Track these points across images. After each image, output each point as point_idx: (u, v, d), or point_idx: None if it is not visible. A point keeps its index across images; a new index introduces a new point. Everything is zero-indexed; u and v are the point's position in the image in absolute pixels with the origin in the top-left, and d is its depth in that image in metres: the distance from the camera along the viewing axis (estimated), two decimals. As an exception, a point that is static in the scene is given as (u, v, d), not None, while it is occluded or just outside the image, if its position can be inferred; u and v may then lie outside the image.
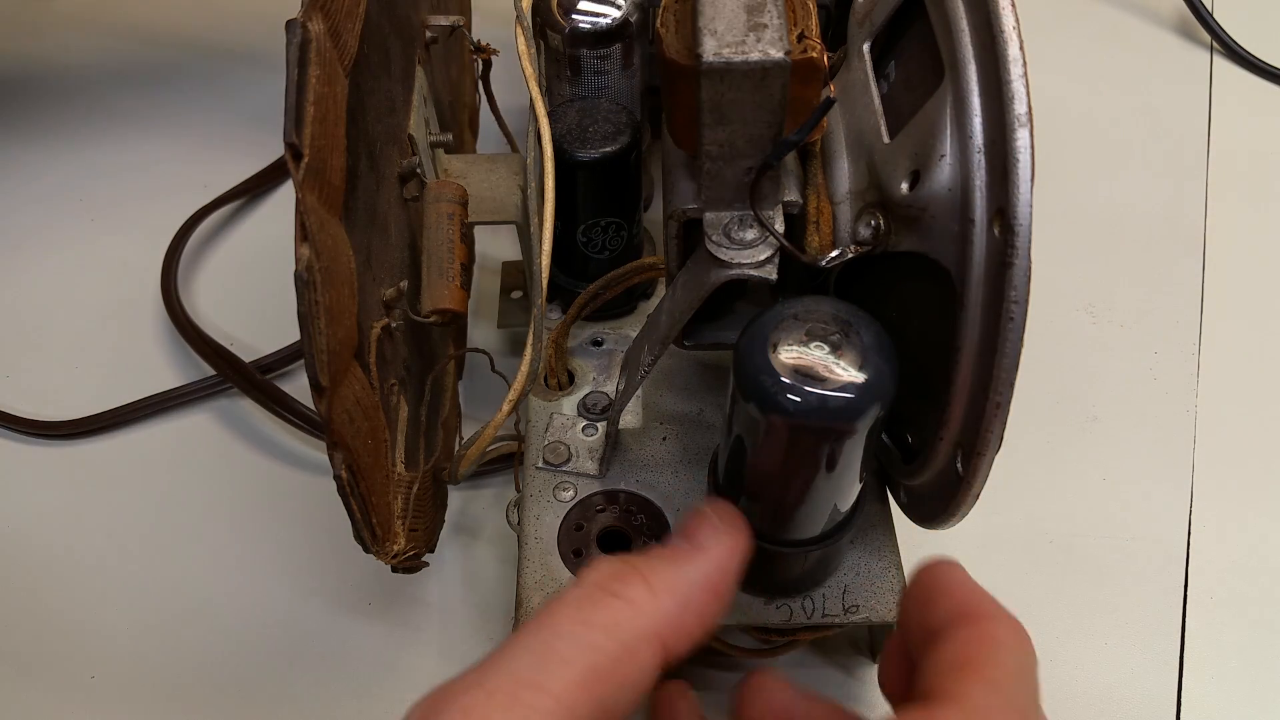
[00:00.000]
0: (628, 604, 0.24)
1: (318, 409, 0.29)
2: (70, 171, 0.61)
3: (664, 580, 0.25)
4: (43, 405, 0.52)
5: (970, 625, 0.24)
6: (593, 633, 0.24)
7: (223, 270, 0.57)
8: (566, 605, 0.24)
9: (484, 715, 0.22)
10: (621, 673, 0.24)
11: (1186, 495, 0.48)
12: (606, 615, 0.24)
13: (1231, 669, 0.44)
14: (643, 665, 0.24)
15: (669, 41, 0.28)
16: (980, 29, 0.26)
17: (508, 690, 0.22)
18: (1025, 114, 0.25)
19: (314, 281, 0.28)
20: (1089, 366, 0.53)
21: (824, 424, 0.26)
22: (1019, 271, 0.25)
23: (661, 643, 0.24)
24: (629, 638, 0.24)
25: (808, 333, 0.26)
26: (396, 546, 0.35)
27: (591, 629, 0.24)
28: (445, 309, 0.38)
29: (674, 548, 0.26)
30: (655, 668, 0.24)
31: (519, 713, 0.22)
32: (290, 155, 0.28)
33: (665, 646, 0.25)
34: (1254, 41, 0.65)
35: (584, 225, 0.45)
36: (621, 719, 0.24)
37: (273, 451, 0.50)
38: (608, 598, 0.24)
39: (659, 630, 0.24)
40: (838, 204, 0.31)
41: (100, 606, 0.46)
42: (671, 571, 0.25)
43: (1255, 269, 0.57)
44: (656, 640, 0.24)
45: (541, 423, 0.43)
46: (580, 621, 0.24)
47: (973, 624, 0.24)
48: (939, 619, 0.25)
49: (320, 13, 0.29)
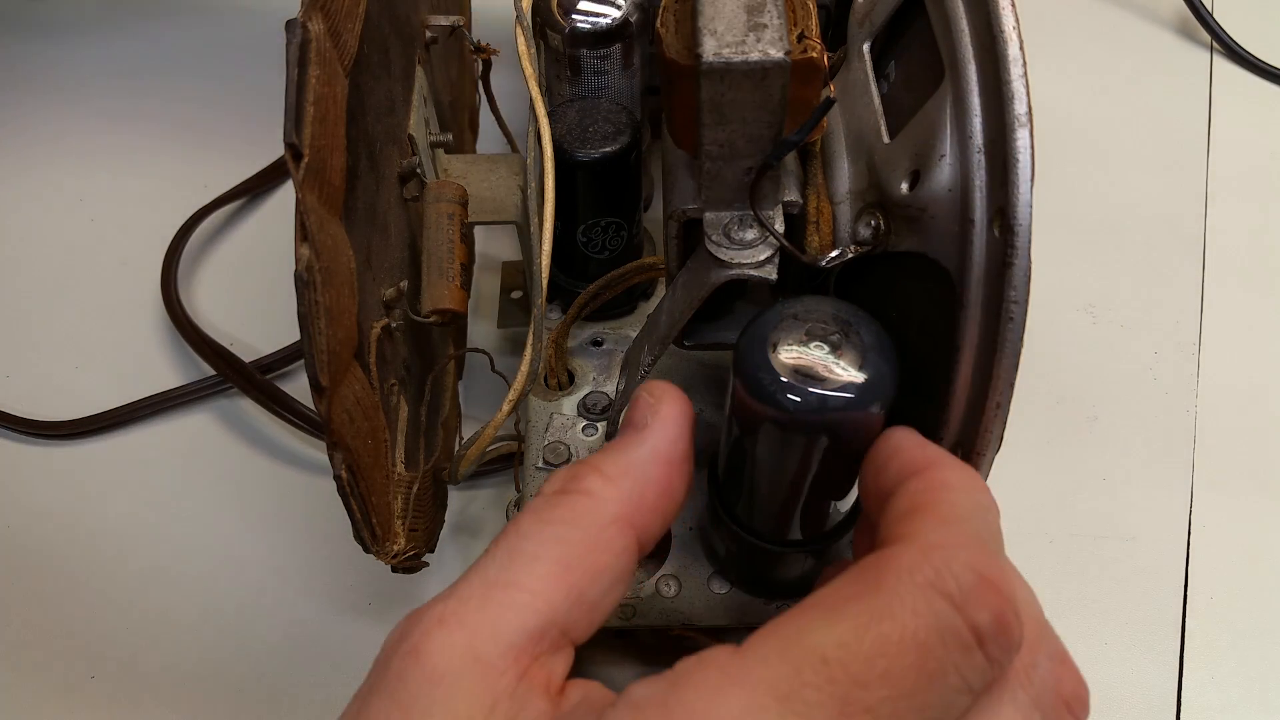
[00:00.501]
0: (585, 495, 0.24)
1: (318, 409, 0.29)
2: (70, 171, 0.61)
3: (616, 465, 0.25)
4: (43, 405, 0.52)
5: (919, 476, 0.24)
6: (555, 527, 0.24)
7: (223, 270, 0.57)
8: (527, 513, 0.24)
9: (459, 618, 0.22)
10: (592, 561, 0.23)
11: (1186, 495, 0.48)
12: (567, 510, 0.24)
13: (1231, 669, 0.44)
14: (614, 550, 0.24)
15: (669, 41, 0.28)
16: (980, 29, 0.26)
17: (480, 593, 0.22)
18: (1025, 114, 0.25)
19: (314, 281, 0.28)
20: (1089, 366, 0.53)
21: (824, 424, 0.26)
22: (1019, 271, 0.25)
23: (629, 524, 0.24)
24: (592, 526, 0.24)
25: (807, 332, 0.26)
26: (396, 546, 0.35)
27: (554, 524, 0.24)
28: (445, 309, 0.38)
29: (619, 437, 0.26)
30: (628, 552, 0.24)
31: (492, 611, 0.22)
32: (290, 155, 0.28)
33: (634, 527, 0.24)
34: (1254, 41, 0.65)
35: (584, 225, 0.45)
36: (605, 610, 0.24)
37: (273, 451, 0.50)
38: (565, 496, 0.24)
39: (621, 513, 0.24)
40: (838, 204, 0.31)
41: (100, 606, 0.46)
42: (621, 455, 0.25)
43: (1255, 269, 0.57)
44: (623, 523, 0.24)
45: (541, 423, 0.43)
46: (542, 521, 0.24)
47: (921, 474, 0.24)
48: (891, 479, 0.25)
49: (320, 12, 0.29)
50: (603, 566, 0.24)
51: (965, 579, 0.20)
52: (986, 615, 0.20)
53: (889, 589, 0.20)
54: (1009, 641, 0.20)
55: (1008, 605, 0.20)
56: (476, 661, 0.21)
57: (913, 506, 0.23)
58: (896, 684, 0.19)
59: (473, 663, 0.21)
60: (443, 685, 0.21)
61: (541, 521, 0.24)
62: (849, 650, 0.20)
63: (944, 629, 0.20)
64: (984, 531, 0.22)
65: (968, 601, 0.20)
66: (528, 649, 0.22)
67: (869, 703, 0.19)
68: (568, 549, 0.23)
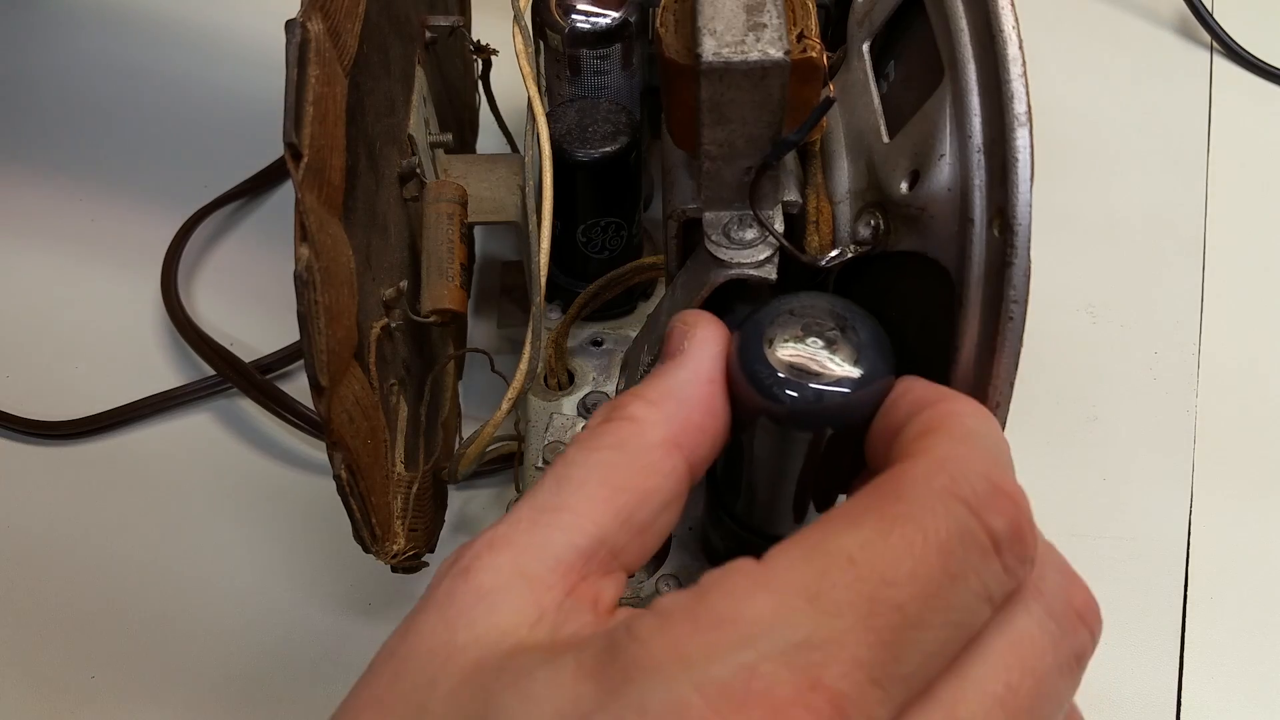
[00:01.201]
0: (629, 420, 0.24)
1: (317, 409, 0.29)
2: (70, 171, 0.61)
3: (657, 390, 0.25)
4: (43, 405, 0.52)
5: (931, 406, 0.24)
6: (602, 453, 0.24)
7: (223, 270, 0.57)
8: (574, 444, 0.24)
9: (508, 540, 0.22)
10: (640, 482, 0.23)
11: (1186, 495, 0.48)
12: (612, 436, 0.24)
13: (1231, 669, 0.44)
14: (662, 472, 0.24)
15: (668, 41, 0.28)
16: (979, 29, 0.26)
17: (529, 517, 0.23)
18: (1025, 113, 0.25)
19: (313, 281, 0.28)
20: (1089, 366, 0.53)
21: (819, 418, 0.26)
22: (1018, 271, 0.25)
23: (676, 446, 0.24)
24: (639, 449, 0.24)
25: (803, 328, 0.26)
26: (396, 546, 0.35)
27: (600, 450, 0.24)
28: (445, 309, 0.38)
29: (658, 365, 0.26)
30: (677, 473, 0.24)
31: (540, 533, 0.22)
32: (290, 155, 0.28)
33: (681, 448, 0.24)
34: (1254, 41, 0.65)
35: (584, 225, 0.45)
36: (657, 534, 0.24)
37: (273, 452, 0.50)
38: (610, 423, 0.24)
39: (668, 435, 0.24)
40: (837, 204, 0.31)
41: (100, 606, 0.46)
42: (662, 380, 0.25)
43: (1255, 269, 0.57)
44: (670, 445, 0.24)
45: (541, 423, 0.43)
46: (589, 449, 0.24)
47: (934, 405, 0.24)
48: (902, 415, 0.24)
49: (320, 12, 0.29)
50: (651, 488, 0.23)
51: (980, 487, 0.20)
52: (1002, 522, 0.20)
53: (907, 496, 0.21)
54: (1024, 551, 0.21)
55: (1023, 514, 0.21)
56: (522, 577, 0.22)
57: (925, 429, 0.23)
58: (923, 583, 0.19)
59: (518, 578, 0.22)
60: (488, 599, 0.21)
61: (588, 449, 0.24)
62: (874, 550, 0.20)
63: (963, 532, 0.20)
64: (996, 450, 0.22)
65: (983, 507, 0.20)
66: (576, 566, 0.22)
67: (898, 600, 0.19)
68: (614, 472, 0.23)
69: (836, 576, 0.19)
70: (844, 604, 0.19)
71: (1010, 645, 0.21)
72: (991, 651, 0.21)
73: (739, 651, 0.18)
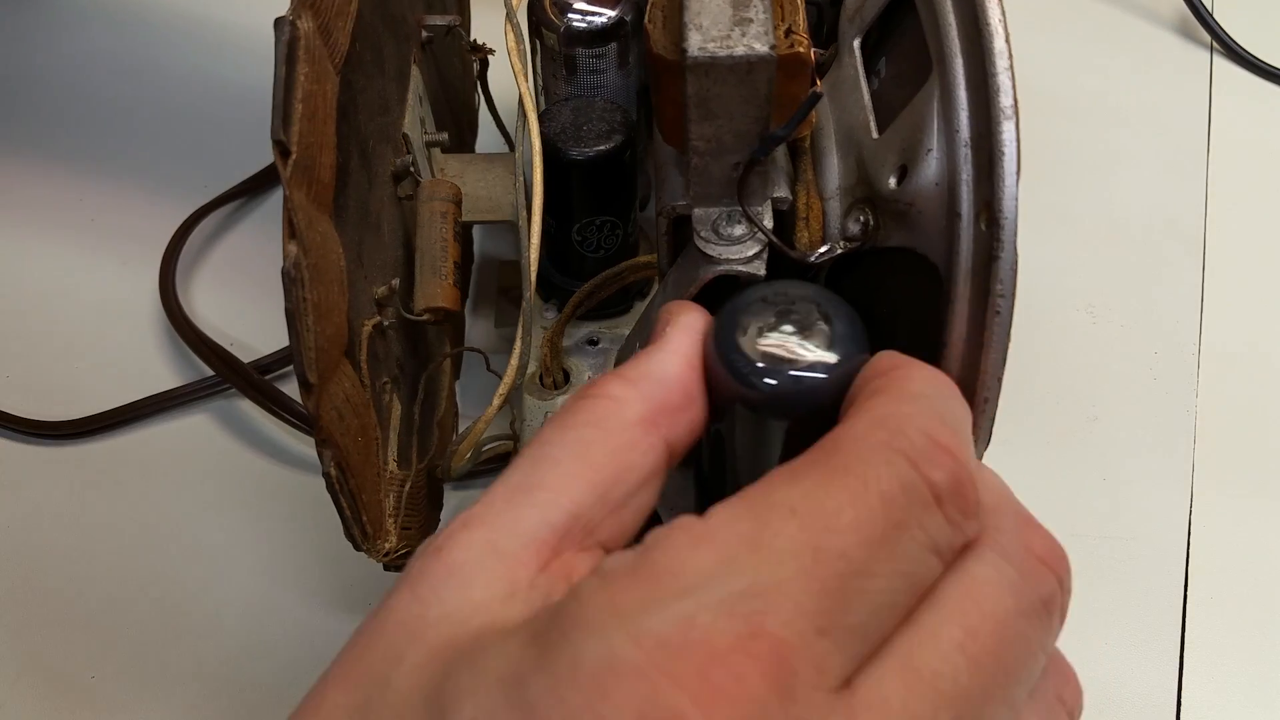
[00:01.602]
0: (607, 399, 0.24)
1: (306, 405, 0.29)
2: (70, 171, 0.62)
3: (636, 370, 0.25)
4: (43, 405, 0.52)
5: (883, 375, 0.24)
6: (577, 430, 0.23)
7: (222, 270, 0.57)
8: (549, 423, 0.24)
9: (482, 518, 0.22)
10: (616, 459, 0.23)
11: (1186, 495, 0.48)
12: (589, 414, 0.24)
13: (1231, 669, 0.43)
14: (639, 449, 0.23)
15: (655, 37, 0.28)
16: (967, 23, 0.26)
17: (504, 496, 0.22)
18: (1011, 107, 0.25)
19: (301, 278, 0.28)
20: (1089, 366, 0.53)
21: (794, 403, 0.26)
22: (1005, 265, 0.25)
23: (654, 424, 0.24)
24: (615, 426, 0.23)
25: (777, 314, 0.26)
26: (388, 545, 0.35)
27: (576, 428, 0.23)
28: (438, 307, 0.38)
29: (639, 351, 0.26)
30: (654, 451, 0.24)
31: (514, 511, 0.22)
32: (278, 152, 0.28)
33: (659, 427, 0.24)
34: (1254, 41, 0.65)
35: (579, 224, 0.45)
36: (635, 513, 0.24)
37: (271, 452, 0.50)
38: (585, 400, 0.24)
39: (645, 412, 0.24)
40: (827, 200, 0.31)
41: (100, 606, 0.46)
42: (642, 362, 0.25)
43: (1255, 269, 0.57)
44: (648, 423, 0.24)
45: (537, 421, 0.43)
46: (564, 427, 0.23)
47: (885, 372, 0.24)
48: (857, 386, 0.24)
49: (309, 10, 0.30)
50: (628, 465, 0.23)
51: (919, 441, 0.20)
52: (941, 474, 0.20)
53: (846, 450, 0.21)
54: (964, 504, 0.20)
55: (962, 469, 0.20)
56: (495, 553, 0.21)
57: (873, 391, 0.23)
58: (866, 530, 0.19)
59: (491, 554, 0.21)
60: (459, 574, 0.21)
61: (563, 427, 0.23)
62: (816, 500, 0.20)
63: (904, 482, 0.20)
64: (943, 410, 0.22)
65: (922, 460, 0.20)
66: (549, 542, 0.22)
67: (841, 548, 0.19)
68: (591, 449, 0.23)
69: (778, 526, 0.19)
70: (786, 553, 0.19)
71: (965, 592, 0.20)
72: (947, 599, 0.20)
73: (677, 602, 0.18)
